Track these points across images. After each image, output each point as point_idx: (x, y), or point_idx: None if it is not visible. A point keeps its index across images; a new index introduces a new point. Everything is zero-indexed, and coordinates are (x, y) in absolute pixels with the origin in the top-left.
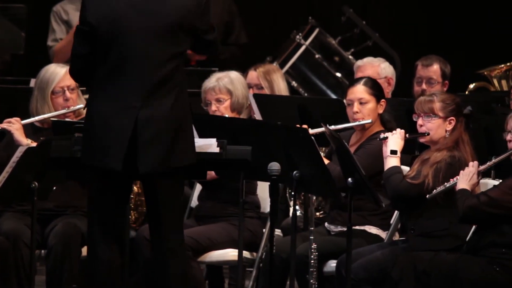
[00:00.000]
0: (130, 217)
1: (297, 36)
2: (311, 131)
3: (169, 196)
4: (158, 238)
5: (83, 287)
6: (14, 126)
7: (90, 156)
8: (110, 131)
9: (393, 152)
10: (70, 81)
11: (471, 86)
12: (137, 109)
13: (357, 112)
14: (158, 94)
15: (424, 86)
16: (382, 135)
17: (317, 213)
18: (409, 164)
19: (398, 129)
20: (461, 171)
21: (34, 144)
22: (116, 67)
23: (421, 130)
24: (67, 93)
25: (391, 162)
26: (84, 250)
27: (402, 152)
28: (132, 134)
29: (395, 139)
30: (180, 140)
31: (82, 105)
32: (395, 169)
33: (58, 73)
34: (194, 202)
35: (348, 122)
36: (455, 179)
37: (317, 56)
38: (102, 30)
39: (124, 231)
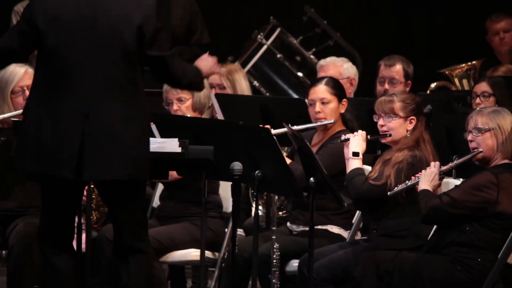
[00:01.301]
0: (91, 217)
1: (259, 36)
2: (273, 131)
3: (127, 199)
4: (120, 239)
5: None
6: None
7: (38, 164)
8: (59, 138)
9: (355, 154)
10: (30, 81)
11: (433, 85)
12: (84, 116)
13: (319, 112)
14: (108, 98)
15: (386, 86)
16: (343, 137)
17: (280, 213)
18: (371, 164)
19: (360, 131)
20: (423, 172)
21: None
22: (61, 71)
23: (382, 130)
24: (27, 93)
25: (353, 164)
26: None
27: (364, 152)
28: (81, 141)
29: (356, 141)
30: (131, 151)
31: None
32: (357, 171)
33: (17, 72)
34: (156, 202)
35: (310, 121)
36: (416, 177)
37: (278, 55)
38: (49, 35)
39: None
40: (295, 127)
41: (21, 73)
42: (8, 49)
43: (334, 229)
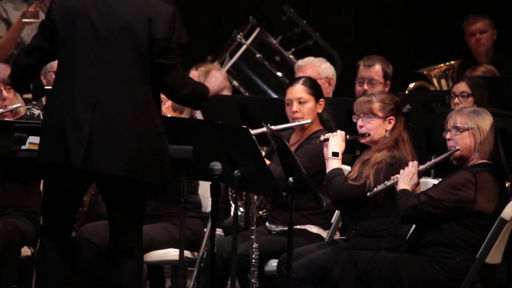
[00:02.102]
0: None
1: (238, 36)
2: (252, 131)
3: (126, 202)
4: (115, 239)
5: (23, 287)
6: None
7: (48, 154)
8: (68, 128)
9: (335, 154)
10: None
11: (411, 85)
12: (92, 107)
13: (296, 111)
14: (116, 93)
15: (366, 86)
16: (322, 137)
17: (260, 212)
18: (351, 164)
19: (339, 131)
20: (401, 171)
21: None
22: (73, 66)
23: (361, 130)
24: (4, 93)
25: (333, 164)
26: (24, 250)
27: (343, 151)
28: (90, 132)
29: (336, 141)
30: (144, 151)
31: (19, 104)
32: (337, 171)
33: None
34: None
35: (288, 122)
36: (395, 177)
37: (258, 55)
38: (62, 26)
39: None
40: (273, 127)
41: None
42: (37, 48)
43: (313, 229)
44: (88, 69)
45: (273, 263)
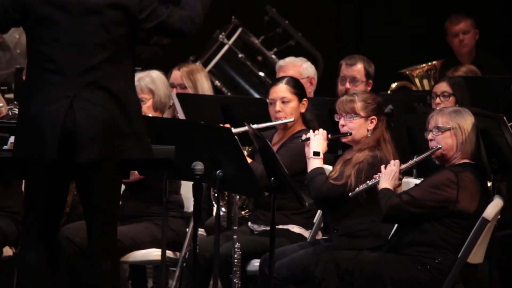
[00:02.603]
0: None
1: (220, 36)
2: (234, 130)
3: (104, 193)
4: (91, 237)
5: (4, 287)
6: None
7: (23, 147)
8: (42, 120)
9: (316, 153)
10: None
11: (393, 85)
12: (70, 98)
13: (279, 111)
14: (94, 81)
15: (348, 85)
16: (304, 136)
17: (242, 212)
18: (333, 164)
19: (321, 130)
20: (383, 170)
21: None
22: (46, 56)
23: (343, 130)
24: None
25: (314, 163)
26: (6, 251)
27: (326, 151)
28: (66, 124)
29: (317, 140)
30: (123, 131)
31: (1, 104)
32: (318, 170)
33: None
34: None
35: (271, 121)
36: (377, 176)
37: (240, 55)
38: (35, 11)
39: (56, 237)
40: (256, 126)
41: None
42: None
43: (295, 228)
44: (63, 59)
45: (255, 263)
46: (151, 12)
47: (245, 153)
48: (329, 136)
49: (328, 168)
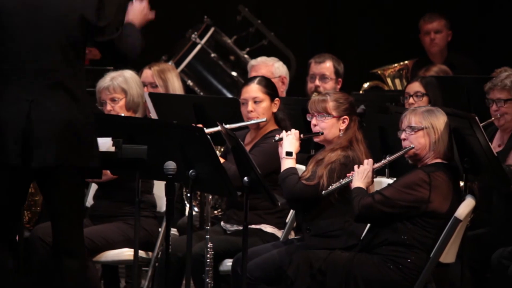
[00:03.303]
0: (24, 217)
1: (193, 35)
2: (207, 130)
3: (66, 195)
4: (56, 238)
5: None
6: None
7: None
8: (2, 124)
9: (289, 153)
10: None
11: (365, 85)
12: (29, 102)
13: (251, 111)
14: (51, 86)
15: (317, 82)
16: (277, 137)
17: (215, 212)
18: (306, 164)
19: (293, 130)
20: (356, 169)
21: None
22: (5, 61)
23: (315, 129)
24: None
25: (287, 163)
26: None
27: (298, 151)
28: (25, 129)
29: (290, 140)
30: (78, 139)
31: None
32: (291, 171)
33: None
34: (89, 201)
35: (243, 121)
36: (350, 175)
37: (212, 55)
38: None
39: (17, 234)
40: (228, 126)
41: None
42: None
43: (268, 228)
44: (22, 64)
45: (228, 263)
46: (106, 26)
47: (218, 153)
48: (301, 136)
49: (301, 168)
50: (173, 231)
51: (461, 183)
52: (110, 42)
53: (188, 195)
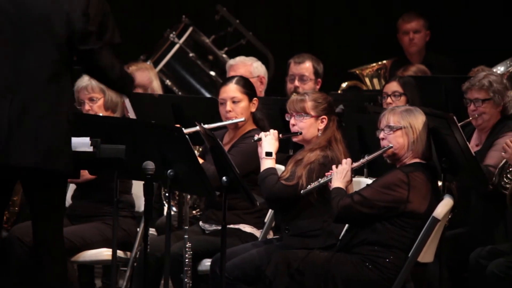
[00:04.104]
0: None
1: (171, 35)
2: (185, 130)
3: (47, 196)
4: (37, 238)
5: None
6: None
7: None
8: None
9: (268, 153)
10: None
11: (344, 85)
12: (9, 101)
13: (230, 111)
14: (32, 86)
15: (296, 83)
16: (256, 137)
17: (194, 211)
18: (285, 164)
19: (272, 130)
20: (335, 169)
21: None
22: None
23: (293, 129)
24: None
25: (266, 163)
26: None
27: (277, 151)
28: (9, 127)
29: (269, 140)
30: (56, 141)
31: None
32: (270, 171)
33: None
34: (67, 201)
35: (222, 120)
36: (329, 174)
37: (191, 54)
38: None
39: None
40: (207, 126)
41: None
42: None
43: (247, 228)
44: (4, 62)
45: (206, 263)
46: (91, 33)
47: (197, 153)
48: (280, 135)
49: (281, 168)
50: (152, 231)
51: (439, 183)
52: (90, 52)
53: (167, 195)
